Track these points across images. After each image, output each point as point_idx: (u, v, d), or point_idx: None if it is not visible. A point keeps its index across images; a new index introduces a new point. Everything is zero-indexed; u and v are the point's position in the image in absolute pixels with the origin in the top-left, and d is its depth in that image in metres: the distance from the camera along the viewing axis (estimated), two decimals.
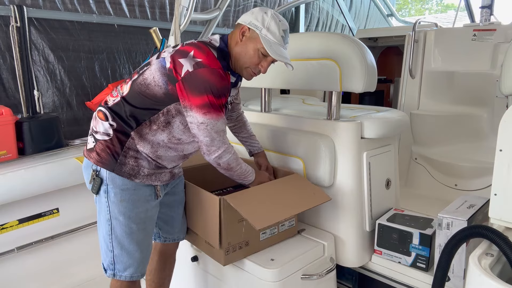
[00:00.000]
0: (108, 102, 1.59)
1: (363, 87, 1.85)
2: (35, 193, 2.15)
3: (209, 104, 1.47)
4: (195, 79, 1.46)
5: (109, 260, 1.59)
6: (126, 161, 1.54)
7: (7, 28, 2.63)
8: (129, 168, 1.55)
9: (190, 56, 1.49)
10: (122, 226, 1.56)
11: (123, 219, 1.55)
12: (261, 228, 1.52)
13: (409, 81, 3.22)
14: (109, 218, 1.56)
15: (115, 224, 1.56)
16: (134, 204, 1.57)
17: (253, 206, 1.62)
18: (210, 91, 1.47)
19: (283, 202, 1.71)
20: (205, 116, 1.48)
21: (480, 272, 1.12)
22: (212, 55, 1.53)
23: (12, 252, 2.13)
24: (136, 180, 1.56)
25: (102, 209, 1.58)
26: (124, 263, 1.59)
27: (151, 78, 1.52)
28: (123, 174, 1.54)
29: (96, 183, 1.54)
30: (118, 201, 1.54)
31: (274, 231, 1.85)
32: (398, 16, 5.77)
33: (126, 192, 1.55)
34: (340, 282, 2.11)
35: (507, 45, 2.81)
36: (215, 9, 3.06)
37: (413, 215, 1.99)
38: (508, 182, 1.29)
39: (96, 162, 1.54)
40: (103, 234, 1.59)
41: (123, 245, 1.58)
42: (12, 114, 2.23)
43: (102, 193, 1.55)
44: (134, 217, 1.57)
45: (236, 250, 1.73)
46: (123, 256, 1.58)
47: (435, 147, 2.97)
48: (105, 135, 1.54)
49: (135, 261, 1.61)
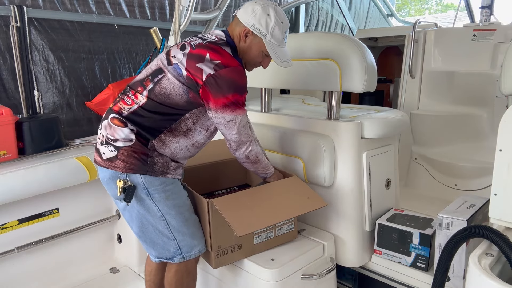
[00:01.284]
0: (123, 110, 1.55)
1: (363, 87, 1.85)
2: (35, 193, 2.15)
3: (235, 102, 1.52)
4: (219, 81, 1.48)
5: (174, 247, 1.64)
6: (155, 160, 1.56)
7: (7, 28, 2.63)
8: (159, 166, 1.57)
9: (208, 59, 1.49)
10: (177, 218, 1.61)
11: (175, 212, 1.61)
12: (242, 234, 1.50)
13: (409, 81, 3.22)
14: (162, 215, 1.59)
15: (170, 218, 1.60)
16: (178, 195, 1.63)
17: (240, 210, 1.60)
18: (234, 90, 1.50)
19: (274, 206, 1.68)
20: (233, 113, 1.52)
21: (480, 272, 1.12)
22: (227, 54, 1.54)
23: (12, 252, 2.13)
24: (168, 176, 1.59)
25: (149, 212, 1.59)
26: (189, 245, 1.65)
27: (171, 87, 1.52)
28: (156, 174, 1.56)
29: (130, 192, 1.53)
30: (164, 199, 1.58)
31: (270, 235, 1.82)
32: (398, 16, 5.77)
33: (168, 188, 1.59)
34: (340, 282, 2.11)
35: (507, 45, 2.81)
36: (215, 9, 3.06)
37: (413, 215, 1.99)
38: (508, 182, 1.29)
39: (125, 170, 1.52)
40: (158, 231, 1.62)
41: (184, 232, 1.64)
42: (12, 114, 2.22)
43: (145, 197, 1.56)
44: (182, 206, 1.64)
45: (227, 253, 1.72)
46: (186, 239, 1.65)
47: (435, 147, 2.97)
48: (127, 141, 1.52)
49: (198, 238, 1.68)
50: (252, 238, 1.77)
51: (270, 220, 1.64)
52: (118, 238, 2.58)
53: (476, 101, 2.95)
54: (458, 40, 3.09)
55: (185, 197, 1.67)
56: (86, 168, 2.28)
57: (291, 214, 1.71)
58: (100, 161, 1.57)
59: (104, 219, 2.52)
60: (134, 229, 1.66)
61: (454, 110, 3.03)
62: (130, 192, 1.53)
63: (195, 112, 1.57)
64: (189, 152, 1.67)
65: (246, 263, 1.74)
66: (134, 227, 1.66)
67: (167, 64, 1.55)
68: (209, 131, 1.67)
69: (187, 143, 1.62)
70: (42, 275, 2.29)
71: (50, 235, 2.28)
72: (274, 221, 1.70)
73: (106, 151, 1.54)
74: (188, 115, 1.57)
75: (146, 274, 1.86)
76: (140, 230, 1.65)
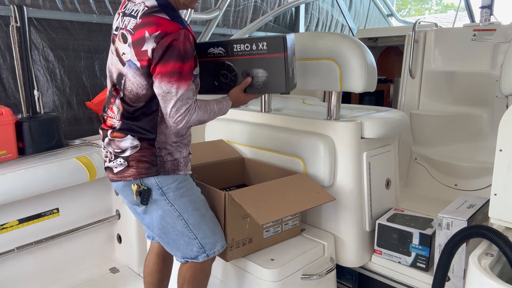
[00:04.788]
0: (115, 125, 1.54)
1: (363, 87, 1.85)
2: (35, 193, 2.15)
3: (175, 71, 1.40)
4: (160, 50, 1.39)
5: (197, 246, 1.62)
6: (164, 159, 1.55)
7: (7, 28, 2.63)
8: (169, 164, 1.56)
9: (147, 37, 1.40)
10: (194, 215, 1.60)
11: (191, 208, 1.60)
12: (264, 223, 1.54)
13: (409, 81, 3.22)
14: (179, 214, 1.58)
15: (187, 216, 1.59)
16: (192, 191, 1.63)
17: (257, 202, 1.64)
18: (176, 58, 1.39)
19: (286, 200, 1.72)
20: (171, 84, 1.41)
21: (480, 272, 1.12)
22: (164, 19, 1.42)
23: (12, 252, 2.13)
24: (180, 173, 1.59)
25: (166, 212, 1.58)
26: (211, 242, 1.64)
27: (136, 86, 1.47)
28: (168, 172, 1.55)
29: (146, 194, 1.54)
30: (179, 197, 1.57)
31: (277, 230, 1.85)
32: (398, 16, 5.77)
33: (181, 185, 1.58)
34: (340, 282, 2.11)
35: (507, 45, 2.81)
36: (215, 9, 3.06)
37: (413, 215, 1.99)
38: (508, 182, 1.29)
39: (138, 176, 1.52)
40: (179, 231, 1.61)
41: (203, 229, 1.62)
42: (12, 114, 2.22)
43: (160, 198, 1.55)
44: (198, 201, 1.63)
45: (239, 246, 1.75)
46: (208, 236, 1.63)
47: (435, 147, 2.97)
48: (134, 148, 1.52)
49: (218, 234, 1.67)
50: (261, 232, 1.80)
51: (286, 211, 1.68)
52: (118, 238, 2.59)
53: (476, 101, 2.95)
54: (458, 40, 3.09)
55: (199, 193, 1.67)
56: (86, 168, 2.28)
57: (304, 206, 1.75)
58: (112, 176, 1.58)
59: (104, 219, 2.52)
60: (156, 232, 1.65)
61: (454, 110, 3.03)
62: (146, 194, 1.54)
63: None
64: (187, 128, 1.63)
65: (246, 263, 1.74)
66: (155, 230, 1.64)
67: (122, 65, 1.49)
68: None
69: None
70: (42, 275, 2.29)
71: (50, 235, 2.29)
72: (291, 212, 1.74)
73: (117, 165, 1.54)
74: None
75: (145, 276, 1.85)
76: (162, 232, 1.63)
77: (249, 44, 1.60)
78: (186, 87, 1.43)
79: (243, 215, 1.72)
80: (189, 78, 1.44)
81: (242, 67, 1.63)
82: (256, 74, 1.62)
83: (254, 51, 1.60)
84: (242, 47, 1.61)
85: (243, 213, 1.71)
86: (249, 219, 1.74)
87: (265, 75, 1.61)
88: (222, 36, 4.00)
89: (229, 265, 1.80)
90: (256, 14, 4.44)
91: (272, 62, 1.58)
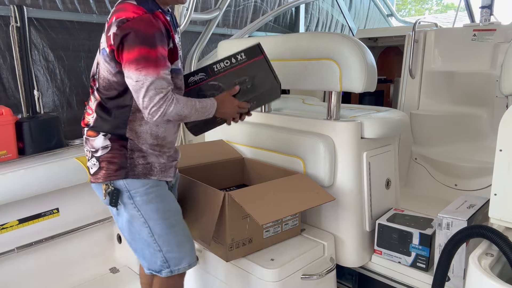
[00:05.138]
0: (89, 121, 1.52)
1: (363, 87, 1.85)
2: (35, 193, 2.15)
3: (142, 58, 1.30)
4: (122, 36, 1.32)
5: (161, 260, 1.54)
6: (136, 162, 1.48)
7: (7, 28, 2.63)
8: (141, 168, 1.49)
9: (113, 22, 1.35)
10: (160, 224, 1.52)
11: (158, 216, 1.51)
12: (264, 223, 1.54)
13: (409, 81, 3.22)
14: (144, 221, 1.50)
15: (153, 225, 1.51)
16: (162, 198, 1.54)
17: (257, 202, 1.63)
18: (140, 43, 1.30)
19: (286, 200, 1.72)
20: (139, 72, 1.31)
21: (480, 272, 1.12)
22: (131, 5, 1.36)
23: (12, 252, 2.13)
24: (153, 178, 1.51)
25: (133, 217, 1.51)
26: (176, 257, 1.56)
27: (107, 73, 1.42)
28: (139, 176, 1.48)
29: (114, 195, 1.48)
30: (146, 202, 1.50)
31: (277, 230, 1.85)
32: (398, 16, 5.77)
33: (150, 190, 1.51)
34: (340, 282, 2.11)
35: (507, 45, 2.81)
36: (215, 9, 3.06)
37: (413, 215, 1.99)
38: (508, 182, 1.29)
39: (107, 178, 1.48)
40: (144, 240, 1.53)
41: (170, 241, 1.54)
42: (12, 114, 2.23)
43: (127, 201, 1.49)
44: (167, 210, 1.55)
45: (239, 246, 1.74)
46: (174, 250, 1.55)
47: (435, 147, 2.97)
48: (104, 148, 1.47)
49: (187, 249, 1.59)
50: (261, 232, 1.80)
51: (287, 211, 1.68)
52: (118, 238, 2.58)
53: (476, 101, 2.95)
54: (458, 40, 3.09)
55: (171, 201, 1.58)
56: (86, 168, 2.28)
57: (304, 206, 1.75)
58: (89, 177, 1.55)
59: (104, 219, 2.52)
60: (125, 236, 1.59)
61: (454, 110, 3.03)
62: (115, 195, 1.48)
63: None
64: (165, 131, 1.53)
65: (246, 263, 1.74)
66: (125, 234, 1.58)
67: (98, 53, 1.46)
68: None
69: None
70: (42, 275, 2.29)
71: (50, 235, 2.29)
72: (291, 212, 1.73)
73: (92, 166, 1.51)
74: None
75: (141, 277, 1.84)
76: (130, 238, 1.57)
77: (228, 60, 1.66)
78: (156, 74, 1.32)
79: (243, 215, 1.72)
80: (159, 65, 1.33)
81: (228, 81, 1.64)
82: (244, 80, 1.64)
83: (234, 63, 1.65)
84: (222, 65, 1.65)
85: (243, 213, 1.71)
86: (249, 219, 1.74)
87: (253, 78, 1.64)
88: (222, 36, 4.00)
89: (229, 265, 1.80)
90: (256, 14, 4.44)
91: (255, 65, 1.65)
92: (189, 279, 2.07)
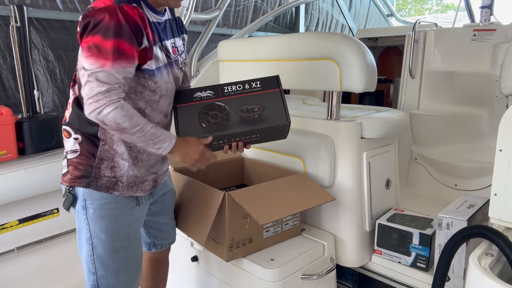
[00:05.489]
0: (66, 117, 1.46)
1: (363, 87, 1.85)
2: (35, 193, 2.15)
3: (94, 46, 1.22)
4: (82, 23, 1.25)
5: (92, 283, 1.43)
6: (101, 173, 1.39)
7: (7, 28, 2.63)
8: (105, 181, 1.39)
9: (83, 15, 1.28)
10: (104, 245, 1.41)
11: (104, 236, 1.40)
12: (264, 223, 1.54)
13: (409, 81, 3.22)
14: (90, 236, 1.40)
15: (97, 243, 1.40)
16: (116, 219, 1.42)
17: (257, 202, 1.63)
18: (97, 31, 1.22)
19: (286, 200, 1.72)
20: (87, 59, 1.23)
21: (480, 272, 1.12)
22: None
23: (12, 252, 2.13)
24: (115, 193, 1.40)
25: (81, 228, 1.42)
26: (110, 285, 1.44)
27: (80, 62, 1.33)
28: (100, 188, 1.38)
29: (68, 200, 1.41)
30: (98, 217, 1.39)
31: (277, 230, 1.85)
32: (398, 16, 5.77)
33: (107, 206, 1.40)
34: (340, 282, 2.11)
35: (507, 45, 2.81)
36: (215, 9, 3.06)
37: (413, 215, 1.99)
38: (508, 182, 1.29)
39: (70, 182, 1.40)
40: (85, 255, 1.44)
41: (108, 266, 1.42)
42: (12, 114, 2.22)
43: (80, 210, 1.41)
44: (116, 233, 1.42)
45: (239, 246, 1.74)
46: (109, 277, 1.43)
47: (435, 147, 2.97)
48: (73, 152, 1.40)
49: (123, 280, 1.47)
50: (261, 232, 1.80)
51: (287, 211, 1.68)
52: None
53: (476, 101, 2.95)
54: (458, 40, 3.09)
55: (125, 224, 1.44)
56: None
57: (304, 206, 1.75)
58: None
59: None
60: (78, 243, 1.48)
61: (454, 110, 3.03)
62: (68, 199, 1.41)
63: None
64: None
65: (246, 263, 1.74)
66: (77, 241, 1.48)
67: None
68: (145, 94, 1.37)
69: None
70: (42, 275, 2.29)
71: (50, 235, 2.28)
72: (291, 212, 1.73)
73: (63, 166, 1.46)
74: None
75: (141, 281, 1.82)
76: (79, 247, 1.47)
77: (241, 84, 1.58)
78: (103, 66, 1.22)
79: (243, 215, 1.72)
80: (111, 58, 1.22)
81: (235, 106, 1.55)
82: (252, 109, 1.55)
83: (247, 89, 1.58)
84: (234, 88, 1.57)
85: (243, 213, 1.71)
86: (249, 219, 1.74)
87: (263, 109, 1.54)
88: (222, 36, 4.00)
89: (229, 265, 1.80)
90: (256, 14, 4.44)
91: (268, 96, 1.57)
92: (189, 279, 2.08)
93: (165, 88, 1.44)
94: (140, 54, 1.31)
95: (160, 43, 1.39)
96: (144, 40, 1.30)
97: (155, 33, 1.37)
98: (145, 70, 1.35)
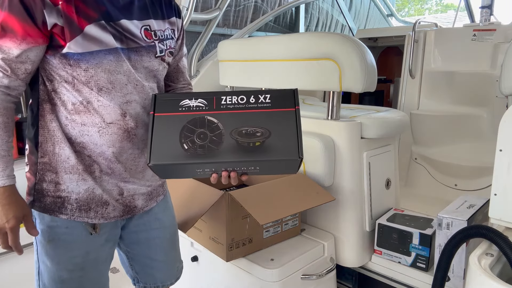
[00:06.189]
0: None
1: (363, 87, 1.86)
2: None
3: None
4: None
5: None
6: (44, 190, 1.13)
7: None
8: (49, 201, 1.13)
9: None
10: (50, 273, 1.18)
11: (51, 264, 1.16)
12: (264, 223, 1.54)
13: (409, 81, 3.22)
14: (37, 259, 1.20)
15: (43, 269, 1.18)
16: (66, 246, 1.16)
17: (257, 202, 1.63)
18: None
19: (286, 200, 1.72)
20: None
21: (480, 272, 1.12)
22: None
23: (12, 252, 2.13)
24: (62, 217, 1.13)
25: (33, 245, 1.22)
26: None
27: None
28: (45, 210, 1.13)
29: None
30: (46, 241, 1.15)
31: (277, 230, 1.85)
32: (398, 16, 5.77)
33: (56, 230, 1.15)
34: (340, 282, 2.11)
35: (507, 45, 2.81)
36: (215, 9, 3.06)
37: (413, 215, 1.99)
38: (508, 182, 1.29)
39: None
40: (35, 278, 1.24)
41: None
42: None
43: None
44: (65, 262, 1.17)
45: (239, 246, 1.74)
46: None
47: (435, 147, 2.97)
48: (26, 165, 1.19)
49: None
50: (261, 232, 1.80)
51: (287, 211, 1.68)
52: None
53: (476, 101, 2.95)
54: (458, 40, 3.09)
55: (80, 253, 1.18)
56: None
57: (304, 206, 1.75)
58: None
59: None
60: None
61: (454, 110, 3.03)
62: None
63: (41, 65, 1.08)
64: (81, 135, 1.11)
65: (246, 263, 1.74)
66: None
67: None
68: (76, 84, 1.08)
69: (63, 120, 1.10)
70: None
71: None
72: (291, 212, 1.72)
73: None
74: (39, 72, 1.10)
75: None
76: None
77: (244, 96, 1.15)
78: None
79: (243, 215, 1.72)
80: None
81: (232, 124, 1.12)
82: (254, 133, 1.11)
83: (251, 104, 1.14)
84: (234, 100, 1.14)
85: (243, 213, 1.71)
86: (249, 219, 1.74)
87: (268, 135, 1.11)
88: (222, 36, 4.00)
89: (229, 265, 1.80)
90: (256, 14, 4.43)
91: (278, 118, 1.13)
92: (189, 279, 2.07)
93: (108, 80, 1.09)
94: (53, 34, 1.03)
95: (104, 20, 1.07)
96: (51, 17, 1.01)
97: (94, 8, 1.06)
98: (68, 54, 1.04)
